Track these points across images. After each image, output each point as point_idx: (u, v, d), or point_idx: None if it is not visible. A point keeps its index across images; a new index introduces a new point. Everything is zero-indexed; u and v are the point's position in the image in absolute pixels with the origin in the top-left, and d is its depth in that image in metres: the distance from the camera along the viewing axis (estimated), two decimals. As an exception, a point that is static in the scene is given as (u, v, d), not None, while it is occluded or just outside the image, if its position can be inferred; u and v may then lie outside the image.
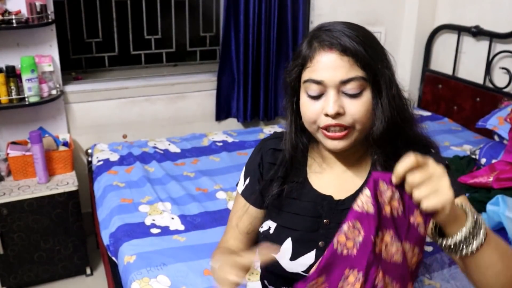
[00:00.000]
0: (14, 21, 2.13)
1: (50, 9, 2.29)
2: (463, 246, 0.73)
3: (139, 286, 1.45)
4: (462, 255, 0.74)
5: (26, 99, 2.21)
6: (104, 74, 2.76)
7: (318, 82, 0.87)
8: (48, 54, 2.34)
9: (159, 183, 2.11)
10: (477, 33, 2.78)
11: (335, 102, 0.86)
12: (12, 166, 2.23)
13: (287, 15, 2.78)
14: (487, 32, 2.72)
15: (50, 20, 2.27)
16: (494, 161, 2.14)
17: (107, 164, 2.27)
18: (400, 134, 0.92)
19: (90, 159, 2.45)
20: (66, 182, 2.25)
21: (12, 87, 2.18)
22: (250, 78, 2.80)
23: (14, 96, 2.19)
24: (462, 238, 0.72)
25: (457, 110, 2.95)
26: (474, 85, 2.83)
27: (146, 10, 2.80)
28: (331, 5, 2.96)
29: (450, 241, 0.73)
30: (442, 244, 0.75)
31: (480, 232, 0.73)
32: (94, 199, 2.20)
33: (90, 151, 2.48)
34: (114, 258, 1.73)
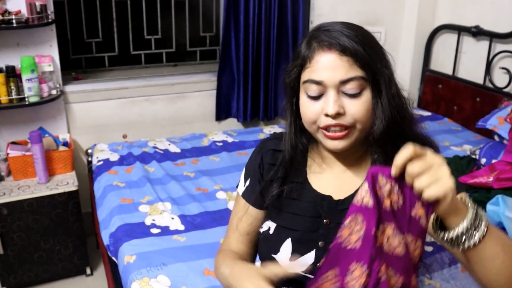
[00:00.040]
0: (14, 21, 2.13)
1: (50, 9, 2.30)
2: (465, 238, 0.72)
3: (139, 286, 1.45)
4: (464, 248, 0.73)
5: (26, 99, 2.21)
6: (104, 74, 2.76)
7: (317, 82, 0.87)
8: (48, 54, 2.34)
9: (159, 183, 2.11)
10: (477, 33, 2.78)
11: (335, 102, 0.86)
12: (12, 166, 2.23)
13: (287, 15, 2.78)
14: (487, 32, 2.72)
15: (50, 20, 2.27)
16: (494, 161, 2.14)
17: (107, 164, 2.27)
18: (400, 134, 0.92)
19: (90, 159, 2.45)
20: (66, 182, 2.26)
21: (12, 87, 2.18)
22: (250, 78, 2.80)
23: (14, 96, 2.19)
24: (464, 229, 0.72)
25: (457, 110, 2.95)
26: (474, 85, 2.83)
27: (146, 10, 2.80)
28: (331, 5, 2.96)
29: (452, 233, 0.73)
30: (444, 237, 0.74)
31: (481, 223, 0.73)
32: (94, 199, 2.20)
33: (90, 151, 2.48)
34: (114, 258, 1.73)
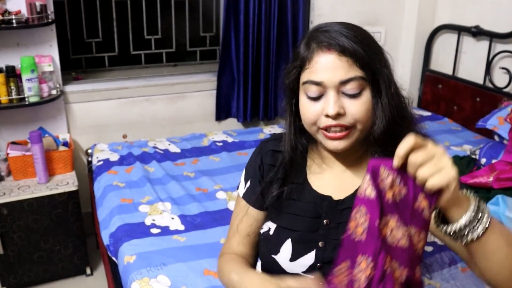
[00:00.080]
0: (14, 21, 2.13)
1: (50, 9, 2.30)
2: (469, 230, 0.72)
3: (139, 286, 1.45)
4: (467, 241, 0.73)
5: (26, 99, 2.21)
6: (104, 74, 2.76)
7: (317, 83, 0.87)
8: (48, 54, 2.34)
9: (159, 183, 2.11)
10: (477, 33, 2.78)
11: (335, 103, 0.86)
12: (12, 166, 2.23)
13: (287, 15, 2.78)
14: (487, 32, 2.72)
15: (50, 20, 2.27)
16: (494, 161, 2.14)
17: (107, 164, 2.27)
18: (400, 133, 0.92)
19: (90, 159, 2.45)
20: (66, 182, 2.26)
21: (12, 87, 2.18)
22: (250, 78, 2.80)
23: (14, 96, 2.19)
24: (467, 221, 0.72)
25: (457, 110, 2.95)
26: (474, 85, 2.83)
27: (146, 10, 2.80)
28: (331, 5, 2.96)
29: (455, 226, 0.73)
30: (447, 230, 0.74)
31: (484, 216, 0.72)
32: (94, 199, 2.20)
33: (90, 151, 2.48)
34: (114, 258, 1.73)
